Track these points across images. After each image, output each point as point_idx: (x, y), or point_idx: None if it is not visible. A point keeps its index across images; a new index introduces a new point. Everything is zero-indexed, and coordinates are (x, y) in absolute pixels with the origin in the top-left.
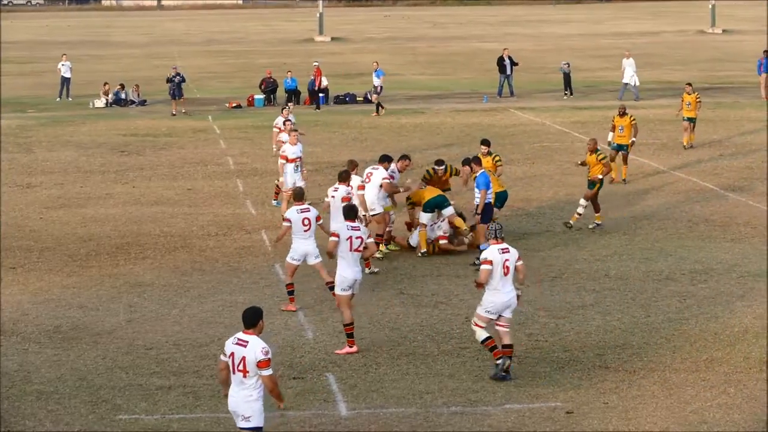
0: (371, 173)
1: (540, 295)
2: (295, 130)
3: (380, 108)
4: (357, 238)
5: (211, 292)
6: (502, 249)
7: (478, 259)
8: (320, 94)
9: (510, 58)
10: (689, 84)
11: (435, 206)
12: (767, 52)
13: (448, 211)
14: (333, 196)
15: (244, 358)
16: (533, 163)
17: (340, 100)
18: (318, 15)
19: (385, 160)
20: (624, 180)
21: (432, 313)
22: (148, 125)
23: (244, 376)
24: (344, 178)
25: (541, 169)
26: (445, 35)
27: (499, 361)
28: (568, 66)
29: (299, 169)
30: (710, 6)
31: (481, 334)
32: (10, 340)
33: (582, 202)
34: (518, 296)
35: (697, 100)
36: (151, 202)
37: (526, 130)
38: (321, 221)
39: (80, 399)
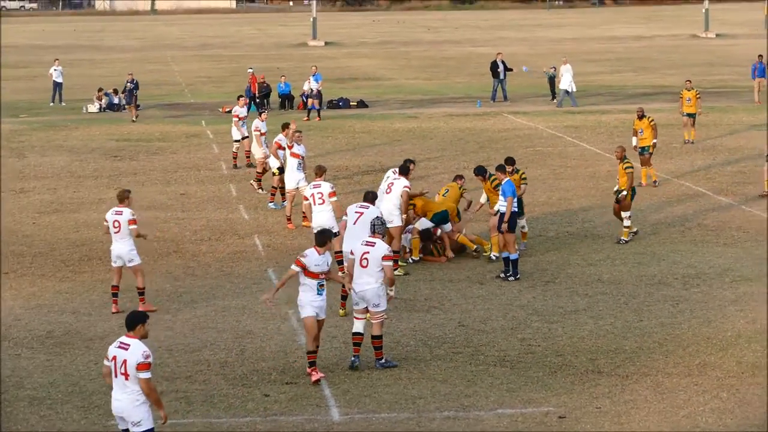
0: (392, 183)
1: (533, 300)
2: (299, 131)
3: (311, 113)
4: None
5: (203, 297)
6: (367, 242)
7: (507, 272)
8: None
9: (503, 62)
10: (689, 80)
11: (440, 220)
12: (761, 56)
13: (447, 227)
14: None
15: (125, 361)
16: (526, 167)
17: (334, 104)
18: (311, 19)
19: (405, 171)
20: (655, 182)
21: (425, 317)
22: (141, 130)
23: (126, 379)
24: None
25: (534, 174)
26: (439, 39)
27: (353, 358)
28: (554, 70)
29: (301, 167)
30: (704, 10)
31: (354, 327)
32: (2, 346)
33: (624, 214)
34: (390, 297)
35: (697, 96)
36: (144, 207)
37: (520, 135)
38: (135, 225)
39: (73, 404)
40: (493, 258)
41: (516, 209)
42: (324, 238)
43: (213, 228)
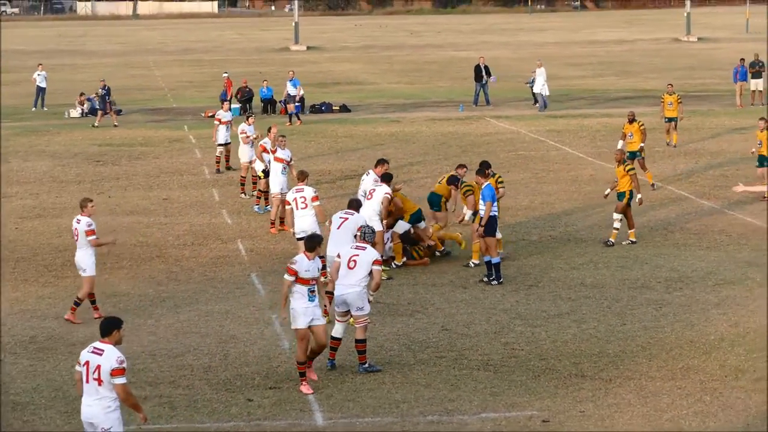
0: (374, 189)
1: (516, 304)
2: (283, 136)
3: (292, 118)
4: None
5: (186, 302)
6: (357, 246)
7: (489, 276)
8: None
9: (486, 67)
10: (670, 84)
11: (416, 220)
12: (743, 60)
13: (421, 225)
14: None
15: (99, 367)
16: (508, 171)
17: (316, 109)
18: (293, 24)
19: (387, 178)
20: (653, 185)
21: (408, 322)
22: (123, 135)
23: (99, 385)
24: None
25: (516, 177)
26: (421, 44)
27: (328, 362)
28: (535, 72)
29: (286, 172)
30: (685, 14)
31: (333, 331)
32: None
33: (615, 216)
34: (369, 300)
35: (679, 100)
36: (127, 212)
37: (502, 139)
38: (93, 236)
39: (56, 410)
40: (471, 265)
41: (495, 213)
42: (313, 243)
43: (196, 233)
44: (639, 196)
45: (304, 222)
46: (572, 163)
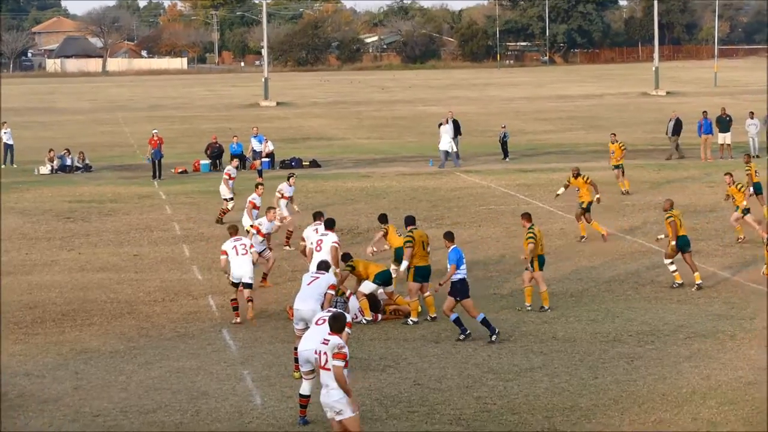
0: (321, 240)
1: (488, 358)
2: (273, 208)
3: (262, 173)
4: None
5: (158, 358)
6: (329, 309)
7: (492, 333)
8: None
9: (455, 121)
10: (613, 134)
11: (384, 281)
12: (706, 113)
13: (390, 288)
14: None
15: None
16: (479, 225)
17: (286, 164)
18: (263, 80)
19: (331, 225)
20: (603, 235)
21: (380, 377)
22: (93, 191)
23: None
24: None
25: (487, 232)
26: (391, 99)
27: (300, 419)
28: (505, 128)
29: (264, 244)
30: (654, 68)
31: (302, 389)
32: None
33: (665, 261)
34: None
35: (621, 148)
36: (97, 268)
37: (472, 193)
38: None
39: None
40: (410, 323)
41: (465, 275)
42: (340, 324)
43: (167, 289)
44: (673, 242)
45: (242, 266)
46: (542, 217)
